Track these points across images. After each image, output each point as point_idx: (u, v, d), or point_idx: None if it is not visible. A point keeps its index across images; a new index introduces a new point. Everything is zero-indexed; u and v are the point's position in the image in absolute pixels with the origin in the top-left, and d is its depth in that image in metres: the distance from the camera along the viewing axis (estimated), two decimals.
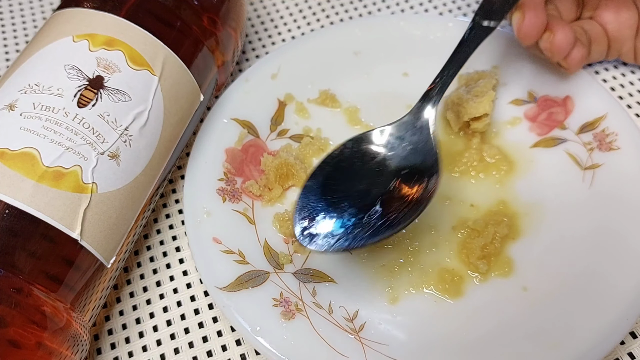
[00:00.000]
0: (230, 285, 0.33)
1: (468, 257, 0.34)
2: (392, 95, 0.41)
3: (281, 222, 0.36)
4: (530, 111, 0.39)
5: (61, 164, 0.28)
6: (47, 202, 0.27)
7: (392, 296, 0.34)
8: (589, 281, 0.32)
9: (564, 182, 0.36)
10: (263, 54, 0.46)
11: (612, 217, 0.34)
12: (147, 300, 0.35)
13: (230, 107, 0.40)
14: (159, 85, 0.33)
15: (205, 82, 0.37)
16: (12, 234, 0.27)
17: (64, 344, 0.28)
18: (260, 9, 0.49)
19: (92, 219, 0.29)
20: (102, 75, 0.31)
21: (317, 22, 0.48)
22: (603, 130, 0.37)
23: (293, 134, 0.40)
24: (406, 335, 0.32)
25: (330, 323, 0.32)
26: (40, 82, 0.30)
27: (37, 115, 0.29)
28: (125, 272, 0.36)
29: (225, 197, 0.36)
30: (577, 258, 0.33)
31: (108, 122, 0.30)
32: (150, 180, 0.33)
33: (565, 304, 0.32)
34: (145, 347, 0.34)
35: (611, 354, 0.32)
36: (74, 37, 0.32)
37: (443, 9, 0.48)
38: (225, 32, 0.38)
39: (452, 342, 0.32)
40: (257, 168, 0.38)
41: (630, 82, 0.43)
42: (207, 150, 0.38)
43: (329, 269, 0.35)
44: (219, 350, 0.33)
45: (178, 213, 0.39)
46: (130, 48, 0.32)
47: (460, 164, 0.38)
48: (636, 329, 0.33)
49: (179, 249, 0.37)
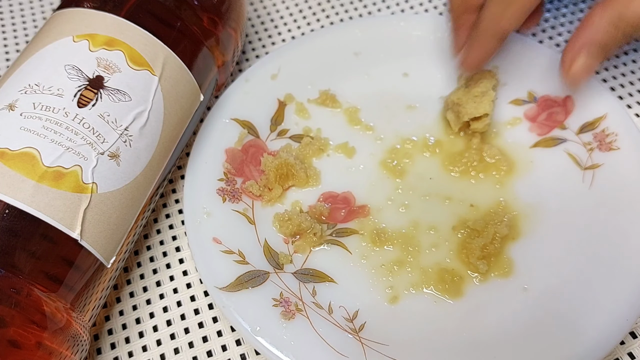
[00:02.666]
0: (230, 285, 0.33)
1: (468, 257, 0.34)
2: (392, 95, 0.41)
3: (281, 222, 0.36)
4: (530, 111, 0.39)
5: (61, 164, 0.28)
6: (47, 202, 0.27)
7: (392, 296, 0.34)
8: (589, 281, 0.32)
9: (564, 182, 0.36)
10: (263, 54, 0.46)
11: (611, 217, 0.34)
12: (147, 300, 0.35)
13: (230, 107, 0.40)
14: (159, 85, 0.33)
15: (205, 82, 0.37)
16: (12, 234, 0.27)
17: (64, 344, 0.28)
18: (260, 9, 0.49)
19: (92, 219, 0.29)
20: (102, 75, 0.31)
21: (317, 22, 0.48)
22: (603, 130, 0.37)
23: (293, 134, 0.40)
24: (406, 335, 0.32)
25: (330, 323, 0.32)
26: (40, 82, 0.30)
27: (37, 115, 0.29)
28: (125, 272, 0.36)
29: (225, 197, 0.36)
30: (577, 258, 0.33)
31: (108, 122, 0.30)
32: (150, 181, 0.33)
33: (565, 304, 0.32)
34: (145, 347, 0.34)
35: (611, 354, 0.32)
36: (74, 37, 0.32)
37: (443, 9, 0.48)
38: (225, 32, 0.38)
39: (452, 342, 0.32)
40: (257, 168, 0.38)
41: (631, 82, 0.43)
42: (207, 150, 0.38)
43: (329, 269, 0.35)
44: (219, 350, 0.33)
45: (178, 213, 0.39)
46: (131, 48, 0.32)
47: (460, 164, 0.38)
48: (636, 329, 0.33)
49: (179, 249, 0.37)
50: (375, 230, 0.36)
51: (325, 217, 0.37)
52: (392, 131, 0.40)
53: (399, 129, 0.40)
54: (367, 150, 0.39)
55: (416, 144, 0.39)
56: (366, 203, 0.37)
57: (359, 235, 0.36)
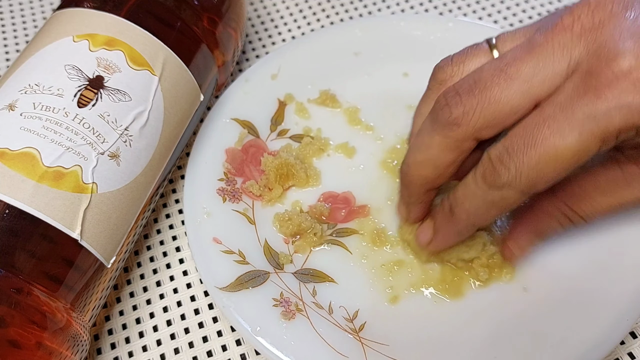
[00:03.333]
0: (230, 285, 0.33)
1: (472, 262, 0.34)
2: (392, 95, 0.41)
3: (281, 222, 0.36)
4: None
5: (61, 164, 0.28)
6: (47, 202, 0.27)
7: (392, 296, 0.34)
8: (589, 281, 0.32)
9: None
10: (263, 54, 0.46)
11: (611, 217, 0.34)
12: (147, 300, 0.35)
13: (230, 107, 0.40)
14: (159, 85, 0.33)
15: (205, 82, 0.37)
16: (12, 234, 0.27)
17: (64, 344, 0.28)
18: (260, 9, 0.49)
19: (92, 219, 0.29)
20: (102, 75, 0.31)
21: (317, 22, 0.48)
22: None
23: (293, 134, 0.40)
24: (406, 335, 0.32)
25: (330, 323, 0.32)
26: (40, 82, 0.30)
27: (37, 115, 0.29)
28: (125, 272, 0.36)
29: (226, 197, 0.36)
30: (577, 258, 0.33)
31: (108, 122, 0.30)
32: (150, 180, 0.33)
33: (565, 304, 0.32)
34: (146, 347, 0.34)
35: (611, 354, 0.32)
36: (74, 37, 0.32)
37: (443, 9, 0.48)
38: (225, 32, 0.38)
39: (452, 342, 0.32)
40: (257, 168, 0.38)
41: None
42: (207, 150, 0.38)
43: (329, 269, 0.35)
44: (219, 350, 0.33)
45: (178, 213, 0.39)
46: (131, 48, 0.32)
47: None
48: (636, 329, 0.33)
49: (179, 249, 0.37)
50: (376, 230, 0.36)
51: (325, 217, 0.37)
52: (392, 131, 0.40)
53: (399, 129, 0.40)
54: (367, 150, 0.39)
55: None
56: (366, 203, 0.37)
57: (359, 235, 0.36)
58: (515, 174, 0.26)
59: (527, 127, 0.25)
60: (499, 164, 0.26)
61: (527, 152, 0.25)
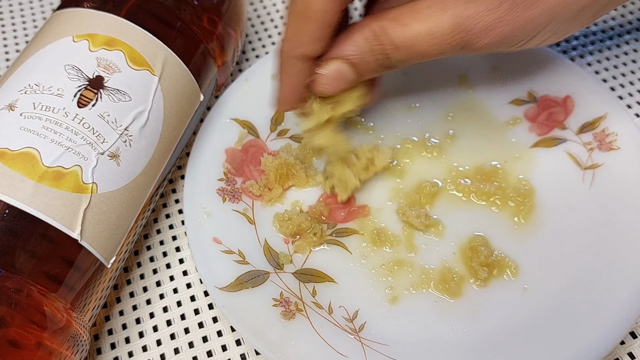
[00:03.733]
0: (230, 285, 0.33)
1: (471, 260, 0.34)
2: (392, 95, 0.41)
3: (281, 222, 0.36)
4: (530, 111, 0.39)
5: (61, 164, 0.28)
6: (47, 202, 0.27)
7: (392, 296, 0.34)
8: (589, 281, 0.32)
9: (564, 182, 0.36)
10: (263, 54, 0.46)
11: (612, 217, 0.34)
12: (147, 300, 0.35)
13: (230, 107, 0.40)
14: (159, 85, 0.33)
15: (205, 82, 0.37)
16: (12, 234, 0.27)
17: (64, 344, 0.28)
18: (260, 9, 0.49)
19: (92, 219, 0.29)
20: (102, 75, 0.31)
21: None
22: (603, 130, 0.37)
23: (293, 134, 0.40)
24: (406, 335, 0.32)
25: (330, 323, 0.32)
26: (40, 82, 0.30)
27: (37, 115, 0.29)
28: (125, 272, 0.36)
29: (225, 197, 0.36)
30: (577, 258, 0.33)
31: (108, 122, 0.30)
32: (150, 180, 0.33)
33: (565, 303, 0.32)
34: (145, 347, 0.34)
35: (611, 354, 0.32)
36: (74, 37, 0.32)
37: None
38: (225, 32, 0.38)
39: (452, 342, 0.32)
40: (257, 168, 0.38)
41: (631, 82, 0.43)
42: (207, 150, 0.38)
43: (328, 269, 0.35)
44: (219, 350, 0.33)
45: (178, 213, 0.39)
46: (131, 48, 0.32)
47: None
48: (636, 329, 0.33)
49: (179, 249, 0.37)
50: (375, 231, 0.36)
51: (325, 217, 0.37)
52: (392, 131, 0.40)
53: (399, 129, 0.40)
54: None
55: (416, 144, 0.39)
56: (366, 203, 0.37)
57: (359, 235, 0.36)
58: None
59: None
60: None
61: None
